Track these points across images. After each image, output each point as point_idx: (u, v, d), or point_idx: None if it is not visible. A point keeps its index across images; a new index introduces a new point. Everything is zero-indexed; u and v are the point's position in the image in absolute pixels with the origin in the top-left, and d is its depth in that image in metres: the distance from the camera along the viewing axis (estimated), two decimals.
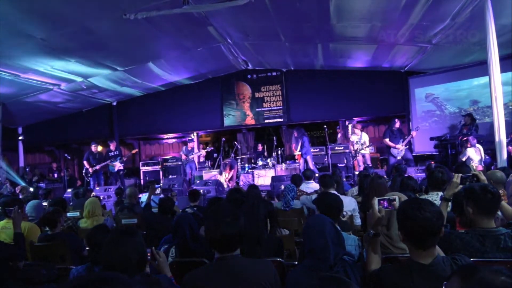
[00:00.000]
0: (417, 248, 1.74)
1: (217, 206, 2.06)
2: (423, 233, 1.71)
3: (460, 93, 9.49)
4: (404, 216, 1.77)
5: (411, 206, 1.77)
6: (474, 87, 9.18)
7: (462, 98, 9.46)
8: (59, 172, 12.58)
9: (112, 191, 8.38)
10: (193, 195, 5.19)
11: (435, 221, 1.71)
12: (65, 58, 7.90)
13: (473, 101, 9.25)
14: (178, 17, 6.64)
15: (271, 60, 11.10)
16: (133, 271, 1.81)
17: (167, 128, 13.00)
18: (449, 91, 9.73)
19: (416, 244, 1.74)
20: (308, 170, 6.96)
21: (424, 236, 1.71)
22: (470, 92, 9.31)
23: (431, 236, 1.72)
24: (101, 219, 4.55)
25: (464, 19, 6.41)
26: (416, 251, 1.75)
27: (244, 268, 1.91)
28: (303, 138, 9.82)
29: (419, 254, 1.74)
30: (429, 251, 1.73)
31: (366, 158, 9.60)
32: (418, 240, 1.73)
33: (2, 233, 3.87)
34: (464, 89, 9.42)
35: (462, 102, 9.49)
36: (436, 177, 3.37)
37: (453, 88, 9.62)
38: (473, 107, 9.22)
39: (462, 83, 9.36)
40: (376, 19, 6.90)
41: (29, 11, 5.74)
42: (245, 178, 10.40)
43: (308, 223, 2.20)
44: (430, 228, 1.70)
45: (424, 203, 1.77)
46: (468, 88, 9.33)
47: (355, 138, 9.69)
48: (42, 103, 10.84)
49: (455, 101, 9.65)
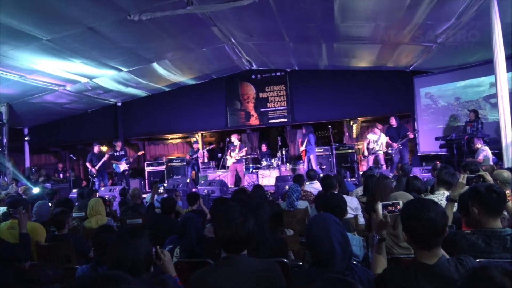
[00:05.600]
0: (421, 249, 1.73)
1: (227, 206, 2.05)
2: (427, 233, 1.70)
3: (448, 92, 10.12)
4: (408, 216, 1.77)
5: (414, 206, 1.77)
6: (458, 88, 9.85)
7: (450, 95, 10.02)
8: (64, 173, 12.66)
9: (117, 192, 8.42)
10: (190, 199, 4.97)
11: (439, 221, 1.70)
12: (70, 59, 7.95)
13: (456, 97, 9.88)
14: (182, 18, 6.66)
15: (275, 60, 11.10)
16: (139, 270, 1.82)
17: (172, 128, 13.04)
18: (441, 90, 10.19)
19: (420, 244, 1.74)
20: (311, 170, 6.95)
21: (428, 236, 1.70)
22: (455, 90, 9.93)
23: (435, 236, 1.70)
24: (104, 218, 4.57)
25: (470, 18, 6.37)
26: (421, 251, 1.74)
27: (251, 268, 1.91)
28: (309, 135, 9.82)
29: (423, 255, 1.73)
30: (433, 252, 1.72)
31: (380, 158, 9.39)
32: (422, 241, 1.72)
33: (8, 233, 3.90)
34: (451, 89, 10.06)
35: (449, 98, 10.03)
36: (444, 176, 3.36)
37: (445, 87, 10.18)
38: (456, 102, 9.87)
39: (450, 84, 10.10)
40: (380, 19, 6.88)
41: (34, 13, 5.78)
42: (249, 178, 10.40)
43: (310, 224, 1.97)
44: (434, 228, 1.69)
45: (427, 203, 1.76)
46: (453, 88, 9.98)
47: (373, 137, 9.49)
48: (47, 104, 10.92)
49: (445, 97, 10.13)
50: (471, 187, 2.48)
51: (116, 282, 0.96)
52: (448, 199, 2.71)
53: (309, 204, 4.68)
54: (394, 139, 9.24)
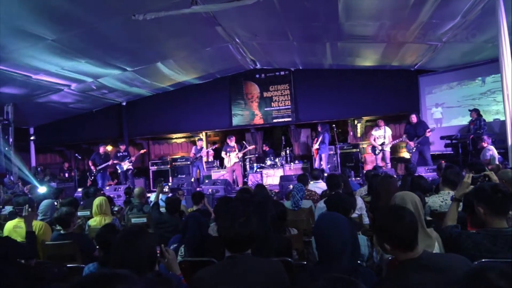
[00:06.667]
0: (405, 252, 1.78)
1: (231, 205, 2.06)
2: (409, 234, 1.78)
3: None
4: (388, 226, 1.81)
5: (391, 215, 1.83)
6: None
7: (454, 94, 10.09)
8: (69, 172, 12.73)
9: (122, 191, 8.47)
10: (195, 198, 5.04)
11: (415, 220, 1.82)
12: (75, 59, 7.99)
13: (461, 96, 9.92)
14: (186, 18, 6.66)
15: (279, 59, 11.09)
16: (144, 269, 1.83)
17: (176, 128, 13.05)
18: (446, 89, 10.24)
19: (404, 248, 1.78)
20: (315, 170, 6.95)
21: (410, 237, 1.78)
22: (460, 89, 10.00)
23: (416, 235, 1.80)
24: (109, 217, 4.59)
25: (475, 17, 6.33)
26: (406, 254, 1.78)
27: (255, 267, 1.92)
28: (325, 134, 9.84)
29: (409, 256, 1.78)
30: (417, 249, 1.80)
31: (386, 156, 9.38)
32: (405, 244, 1.78)
33: (14, 232, 3.93)
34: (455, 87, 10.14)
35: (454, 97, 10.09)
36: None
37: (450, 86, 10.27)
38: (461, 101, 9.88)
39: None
40: (385, 18, 6.85)
41: (39, 13, 5.82)
42: (253, 177, 10.40)
43: (321, 220, 1.99)
44: (414, 229, 1.80)
45: (397, 208, 1.91)
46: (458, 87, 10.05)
47: (377, 133, 9.43)
48: (53, 104, 10.98)
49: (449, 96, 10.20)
50: (476, 186, 2.47)
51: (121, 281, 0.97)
52: (453, 199, 2.70)
53: (313, 204, 4.67)
54: (410, 136, 8.99)
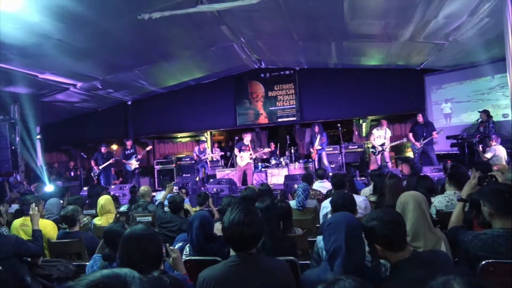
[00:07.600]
0: (397, 252, 1.83)
1: (235, 205, 2.05)
2: (399, 234, 1.84)
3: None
4: (380, 228, 1.84)
5: (379, 220, 1.86)
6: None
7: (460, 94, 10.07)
8: (75, 171, 12.80)
9: (127, 190, 8.50)
10: (199, 199, 5.01)
11: (402, 220, 1.92)
12: (81, 58, 8.02)
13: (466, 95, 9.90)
14: (191, 17, 6.68)
15: (284, 58, 11.07)
16: (150, 268, 1.84)
17: (181, 127, 13.09)
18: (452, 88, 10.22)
19: (395, 248, 1.83)
20: (320, 169, 6.93)
21: (400, 237, 1.84)
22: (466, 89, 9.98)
23: (405, 235, 1.89)
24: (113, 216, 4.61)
25: (482, 16, 6.28)
26: (397, 254, 1.84)
27: (260, 266, 1.92)
28: (323, 134, 9.83)
29: (400, 255, 1.83)
30: (407, 248, 1.88)
31: (385, 156, 9.34)
32: (397, 244, 1.84)
33: (20, 230, 3.96)
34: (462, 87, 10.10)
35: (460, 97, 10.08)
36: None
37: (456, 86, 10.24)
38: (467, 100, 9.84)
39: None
40: (390, 16, 6.81)
41: (46, 12, 5.85)
42: (258, 177, 10.40)
43: (333, 218, 2.02)
44: (403, 229, 1.88)
45: (385, 211, 1.96)
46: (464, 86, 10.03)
47: (377, 132, 9.39)
48: (59, 103, 11.06)
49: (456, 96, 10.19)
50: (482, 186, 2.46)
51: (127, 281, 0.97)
52: (459, 199, 2.69)
53: (318, 203, 4.66)
54: (417, 136, 8.90)
